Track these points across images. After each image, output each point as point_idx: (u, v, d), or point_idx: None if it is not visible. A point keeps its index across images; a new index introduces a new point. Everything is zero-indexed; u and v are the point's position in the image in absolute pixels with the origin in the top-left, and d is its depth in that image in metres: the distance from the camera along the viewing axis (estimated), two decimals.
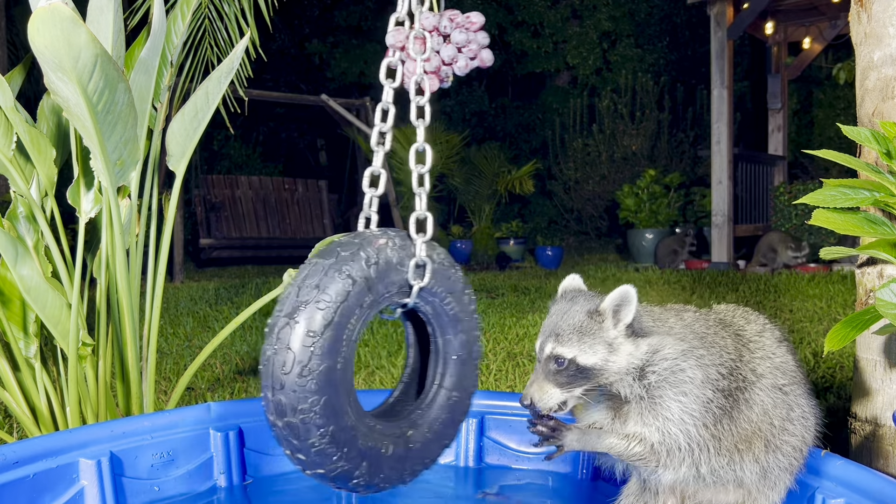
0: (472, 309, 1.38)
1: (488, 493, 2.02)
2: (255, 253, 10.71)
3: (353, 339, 1.15)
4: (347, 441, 1.17)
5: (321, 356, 1.10)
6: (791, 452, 1.47)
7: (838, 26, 8.89)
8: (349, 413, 1.17)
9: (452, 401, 1.37)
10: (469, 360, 1.39)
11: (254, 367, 3.67)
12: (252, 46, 2.83)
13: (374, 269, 1.17)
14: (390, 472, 1.26)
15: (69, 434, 1.81)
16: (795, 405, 1.47)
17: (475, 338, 1.40)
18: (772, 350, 1.49)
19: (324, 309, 1.11)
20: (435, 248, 1.33)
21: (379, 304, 1.21)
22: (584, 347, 1.35)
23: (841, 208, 1.56)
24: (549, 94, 14.97)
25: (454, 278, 1.34)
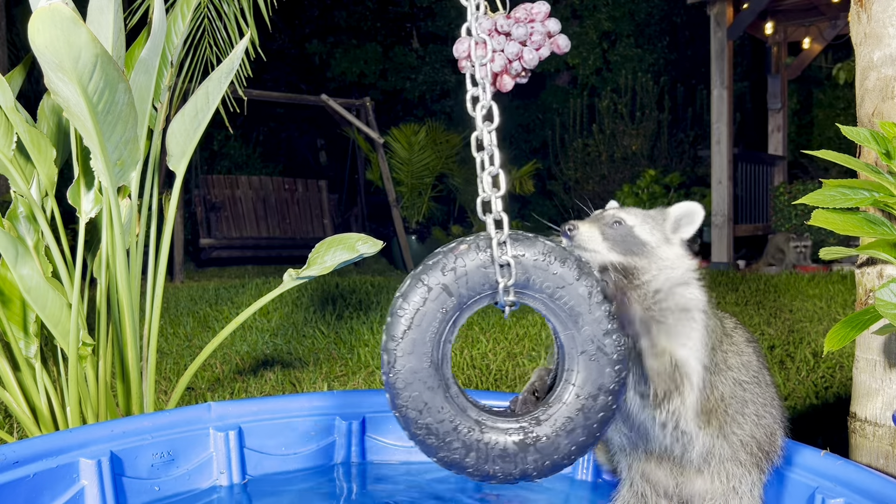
0: (595, 301, 1.28)
1: (488, 493, 2.02)
2: (255, 253, 10.71)
3: (441, 340, 1.27)
4: (447, 433, 1.29)
5: (403, 357, 1.26)
6: (738, 445, 1.49)
7: (838, 26, 8.90)
8: (446, 408, 1.28)
9: (582, 399, 1.30)
10: (600, 355, 1.29)
11: (254, 367, 3.67)
12: (252, 46, 2.83)
13: (451, 275, 1.26)
14: (505, 464, 1.32)
15: (69, 434, 1.81)
16: (751, 403, 1.50)
17: (605, 331, 1.29)
18: (741, 347, 1.54)
19: (402, 316, 1.26)
20: (533, 245, 1.29)
21: (469, 306, 1.29)
22: (645, 224, 1.44)
23: (841, 208, 1.56)
24: (549, 94, 14.96)
25: (561, 272, 1.28)
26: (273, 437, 2.08)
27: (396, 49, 15.36)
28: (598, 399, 1.31)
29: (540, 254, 1.29)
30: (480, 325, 4.40)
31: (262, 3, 3.02)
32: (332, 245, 2.29)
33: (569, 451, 1.32)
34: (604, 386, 1.30)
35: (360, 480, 2.09)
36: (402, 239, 10.01)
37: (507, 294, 1.29)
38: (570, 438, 1.32)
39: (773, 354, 3.64)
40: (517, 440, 1.31)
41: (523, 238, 1.30)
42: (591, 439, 1.33)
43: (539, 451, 1.32)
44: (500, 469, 1.32)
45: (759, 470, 1.53)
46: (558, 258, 1.29)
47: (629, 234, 1.42)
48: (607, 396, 1.31)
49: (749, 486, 1.52)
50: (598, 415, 1.31)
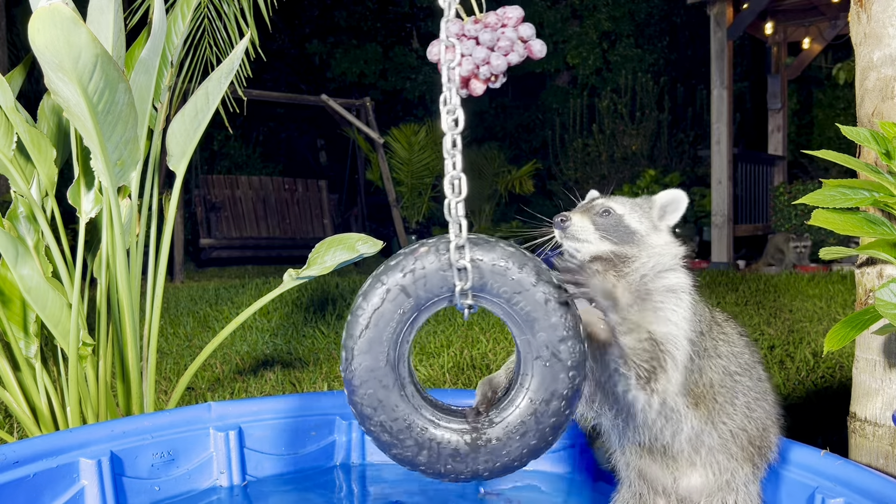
0: (551, 308, 1.26)
1: (488, 493, 2.02)
2: (255, 253, 10.72)
3: (398, 340, 1.28)
4: (400, 430, 1.31)
5: (360, 356, 1.28)
6: (728, 435, 1.49)
7: (838, 26, 8.90)
8: (400, 406, 1.31)
9: (535, 404, 1.30)
10: (554, 361, 1.28)
11: (254, 367, 3.67)
12: (252, 46, 2.83)
13: (410, 276, 1.27)
14: (456, 464, 1.34)
15: (69, 434, 1.81)
16: (741, 394, 1.50)
17: (560, 337, 1.27)
18: (732, 338, 1.55)
19: (360, 315, 1.28)
20: (492, 249, 1.29)
21: (427, 308, 1.29)
22: (633, 212, 1.46)
23: (841, 208, 1.56)
24: (549, 94, 14.97)
25: (518, 278, 1.27)
26: (273, 437, 2.08)
27: (396, 49, 15.37)
28: (551, 404, 1.30)
29: (498, 258, 1.28)
30: (480, 326, 4.40)
31: (262, 3, 3.02)
32: (332, 245, 2.29)
33: (520, 454, 1.33)
34: (557, 391, 1.30)
35: (360, 480, 2.09)
36: (402, 239, 10.01)
37: (464, 297, 1.29)
38: (522, 441, 1.32)
39: (773, 354, 3.64)
40: (469, 441, 1.32)
41: (483, 242, 1.30)
42: (544, 443, 1.33)
43: (490, 453, 1.32)
44: (452, 468, 1.34)
45: (752, 465, 1.53)
46: (516, 263, 1.28)
47: (619, 223, 1.44)
48: (560, 402, 1.30)
49: (743, 480, 1.51)
50: (551, 419, 1.31)
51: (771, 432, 1.56)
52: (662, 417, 1.43)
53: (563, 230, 1.41)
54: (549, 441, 1.33)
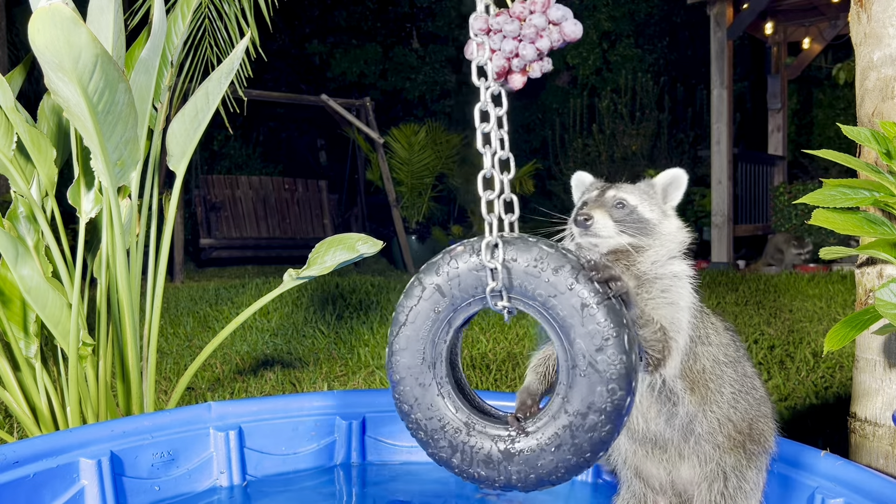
0: (588, 314, 1.20)
1: (489, 493, 2.02)
2: (255, 253, 10.71)
3: (435, 339, 1.29)
4: (434, 431, 1.32)
5: (399, 351, 1.31)
6: (716, 424, 1.50)
7: (838, 26, 8.90)
8: (435, 406, 1.31)
9: (570, 416, 1.23)
10: (591, 371, 1.20)
11: (254, 367, 3.67)
12: (252, 46, 2.83)
13: (444, 276, 1.28)
14: (489, 471, 1.30)
15: (69, 434, 1.81)
16: (728, 384, 1.51)
17: (597, 347, 1.20)
18: (719, 329, 1.57)
19: (400, 312, 1.31)
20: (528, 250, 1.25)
21: (462, 308, 1.29)
22: (644, 201, 1.47)
23: (841, 208, 1.56)
24: (549, 94, 14.97)
25: (553, 280, 1.22)
26: (273, 437, 2.08)
27: (396, 49, 15.36)
28: (588, 418, 1.22)
29: (533, 259, 1.24)
30: (480, 325, 4.40)
31: (262, 3, 3.02)
32: (332, 245, 2.29)
33: (554, 467, 1.26)
34: (594, 405, 1.22)
35: (360, 480, 2.09)
36: (402, 239, 10.01)
37: (499, 299, 1.26)
38: (556, 455, 1.25)
39: (773, 354, 3.64)
40: (502, 448, 1.29)
41: (520, 242, 1.26)
42: (580, 459, 1.25)
43: (523, 464, 1.27)
44: (485, 475, 1.31)
45: (741, 451, 1.53)
46: (552, 265, 1.23)
47: (633, 213, 1.45)
48: (598, 416, 1.22)
49: (732, 465, 1.52)
50: (587, 435, 1.23)
51: (759, 425, 1.56)
52: (662, 398, 1.45)
53: (585, 229, 1.41)
54: (587, 458, 1.25)
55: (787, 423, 2.60)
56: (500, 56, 1.28)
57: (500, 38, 1.28)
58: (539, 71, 1.30)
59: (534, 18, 1.26)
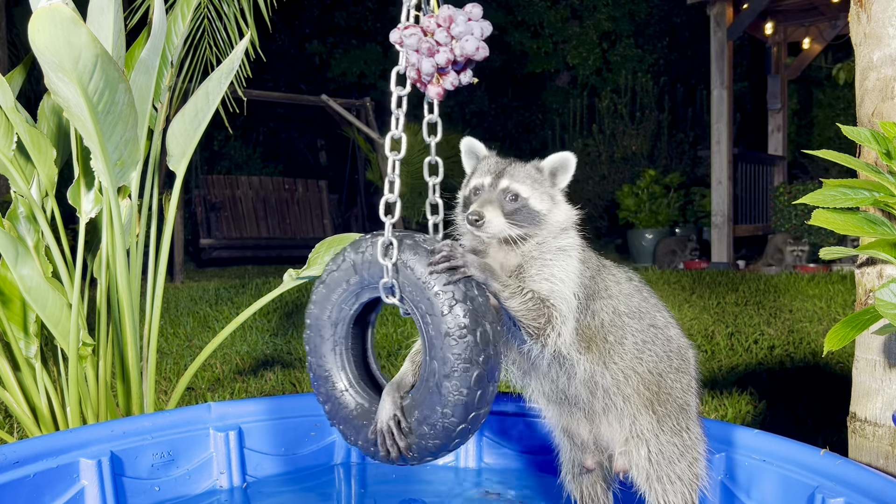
0: (444, 329, 1.32)
1: (488, 493, 2.02)
2: (255, 253, 10.71)
3: (342, 304, 1.45)
4: (319, 378, 1.51)
5: (314, 302, 1.49)
6: (620, 376, 1.52)
7: (838, 26, 8.89)
8: (326, 357, 1.49)
9: (416, 420, 1.38)
10: (435, 391, 1.34)
11: (254, 367, 3.67)
12: (252, 46, 2.83)
13: (361, 256, 1.41)
14: (346, 428, 1.50)
15: (69, 434, 1.81)
16: (630, 335, 1.53)
17: (445, 374, 1.32)
18: (621, 280, 1.58)
19: (324, 271, 1.48)
20: (407, 248, 1.35)
21: (368, 288, 1.42)
22: (535, 193, 1.49)
23: (841, 208, 1.56)
24: (549, 95, 14.97)
25: (415, 274, 1.34)
26: (273, 437, 2.08)
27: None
28: (429, 425, 1.37)
29: (410, 258, 1.35)
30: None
31: (262, 3, 3.02)
32: (332, 245, 2.29)
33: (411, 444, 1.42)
34: (435, 416, 1.36)
35: (360, 480, 2.09)
36: None
37: (390, 293, 1.38)
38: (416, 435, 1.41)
39: (774, 354, 3.64)
40: (358, 413, 1.47)
41: (413, 243, 1.36)
42: (424, 447, 1.39)
43: (367, 434, 1.44)
44: (344, 430, 1.50)
45: (652, 412, 1.54)
46: (418, 262, 1.34)
47: (526, 206, 1.47)
48: (432, 431, 1.37)
49: (650, 429, 1.53)
50: (439, 420, 1.37)
51: (669, 379, 1.57)
52: (556, 364, 1.49)
53: (477, 228, 1.43)
54: (431, 447, 1.39)
55: (788, 423, 2.61)
56: (410, 67, 1.35)
57: (408, 50, 1.33)
58: (451, 84, 1.37)
59: (437, 33, 1.31)
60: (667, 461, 1.54)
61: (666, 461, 1.54)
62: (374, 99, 11.14)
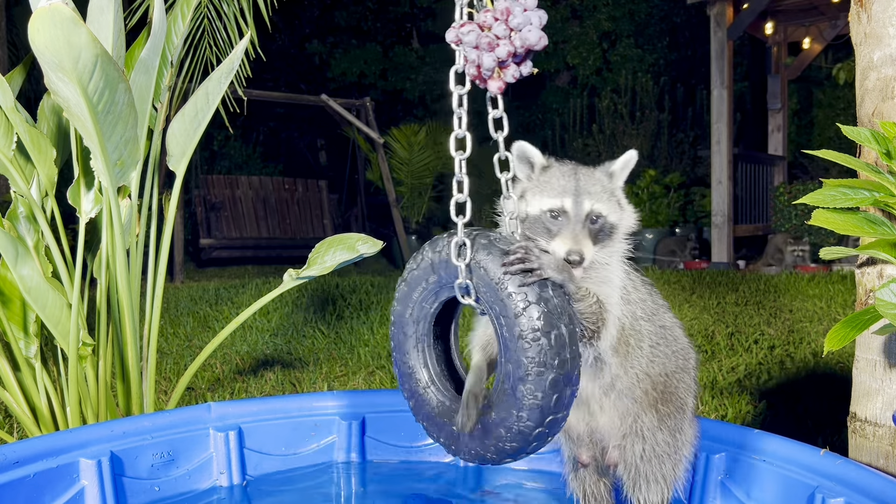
0: (525, 342, 1.29)
1: (489, 492, 2.02)
2: (255, 253, 10.71)
3: (423, 302, 1.45)
4: (403, 374, 1.51)
5: (397, 299, 1.51)
6: (635, 379, 1.52)
7: (838, 26, 8.89)
8: (410, 354, 1.50)
9: (493, 422, 1.37)
10: (511, 394, 1.32)
11: (254, 367, 3.67)
12: (252, 46, 2.83)
13: (438, 255, 1.41)
14: (430, 425, 1.50)
15: (69, 434, 1.81)
16: (646, 339, 1.54)
17: (520, 376, 1.31)
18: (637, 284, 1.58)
19: (406, 270, 1.49)
20: (481, 248, 1.34)
21: (444, 287, 1.42)
22: (611, 205, 1.47)
23: (841, 208, 1.56)
24: (549, 95, 14.96)
25: (507, 302, 1.31)
26: (273, 437, 2.08)
27: (396, 49, 15.36)
28: (505, 424, 1.36)
29: (485, 257, 1.34)
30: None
31: (262, 3, 3.02)
32: (332, 245, 2.29)
33: (481, 447, 1.42)
34: (509, 413, 1.34)
35: (360, 480, 2.09)
36: (402, 239, 10.01)
37: (465, 292, 1.37)
38: (484, 440, 1.40)
39: (774, 354, 3.64)
40: (441, 411, 1.47)
41: (489, 243, 1.35)
42: (502, 451, 1.38)
43: (450, 434, 1.45)
44: (427, 426, 1.50)
45: (655, 411, 1.55)
46: (492, 262, 1.33)
47: (606, 224, 1.46)
48: (515, 425, 1.35)
49: (649, 426, 1.54)
50: (504, 443, 1.37)
51: (675, 379, 1.57)
52: (594, 366, 1.49)
53: (577, 265, 1.40)
54: (508, 449, 1.37)
55: (788, 423, 2.60)
56: (470, 65, 1.33)
57: (465, 46, 1.32)
58: (512, 77, 1.35)
59: (494, 27, 1.30)
60: (658, 460, 1.56)
61: (657, 460, 1.56)
62: (374, 99, 11.14)
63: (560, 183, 1.45)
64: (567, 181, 1.45)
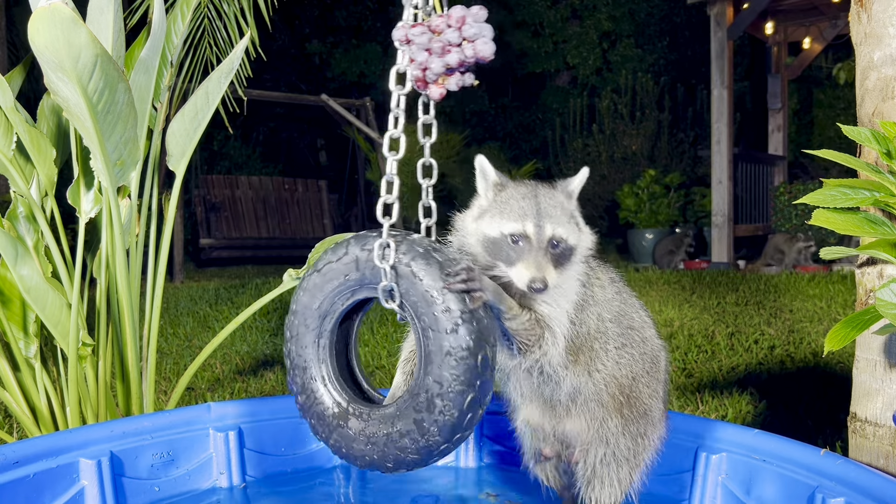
0: (446, 348, 1.28)
1: (488, 493, 2.02)
2: (254, 253, 10.71)
3: (334, 297, 1.40)
4: (297, 367, 1.46)
5: (304, 289, 1.44)
6: (602, 383, 1.52)
7: (838, 26, 8.89)
8: (308, 348, 1.44)
9: (398, 432, 1.35)
10: (429, 405, 1.30)
11: (254, 367, 3.67)
12: (252, 46, 2.83)
13: (364, 253, 1.37)
14: (319, 425, 1.46)
15: (69, 434, 1.81)
16: (612, 340, 1.52)
17: (437, 393, 1.29)
18: (605, 284, 1.56)
19: (321, 260, 1.43)
20: (417, 256, 1.31)
21: (366, 286, 1.38)
22: (570, 228, 1.43)
23: (841, 208, 1.56)
24: (549, 95, 14.97)
25: (425, 287, 1.30)
26: (273, 437, 2.08)
27: None
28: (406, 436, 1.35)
29: (412, 266, 1.31)
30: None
31: (262, 3, 3.02)
32: (331, 245, 2.29)
33: (368, 451, 1.40)
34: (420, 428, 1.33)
35: (360, 480, 2.09)
36: None
37: (389, 297, 1.33)
38: (370, 447, 1.39)
39: (774, 354, 3.64)
40: (334, 413, 1.43)
41: (417, 248, 1.33)
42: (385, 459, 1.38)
43: (342, 437, 1.43)
44: (315, 426, 1.46)
45: (620, 415, 1.54)
46: (428, 273, 1.30)
47: (566, 247, 1.41)
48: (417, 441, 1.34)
49: (613, 432, 1.54)
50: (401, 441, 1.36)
51: (640, 383, 1.57)
52: (541, 380, 1.49)
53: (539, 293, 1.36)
54: (409, 461, 1.35)
55: (788, 423, 2.60)
56: (414, 66, 1.31)
57: (415, 48, 1.31)
58: (455, 85, 1.33)
59: (447, 33, 1.29)
60: (616, 464, 1.56)
61: (616, 464, 1.56)
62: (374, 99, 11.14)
63: (520, 205, 1.40)
64: (528, 203, 1.40)
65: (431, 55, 1.30)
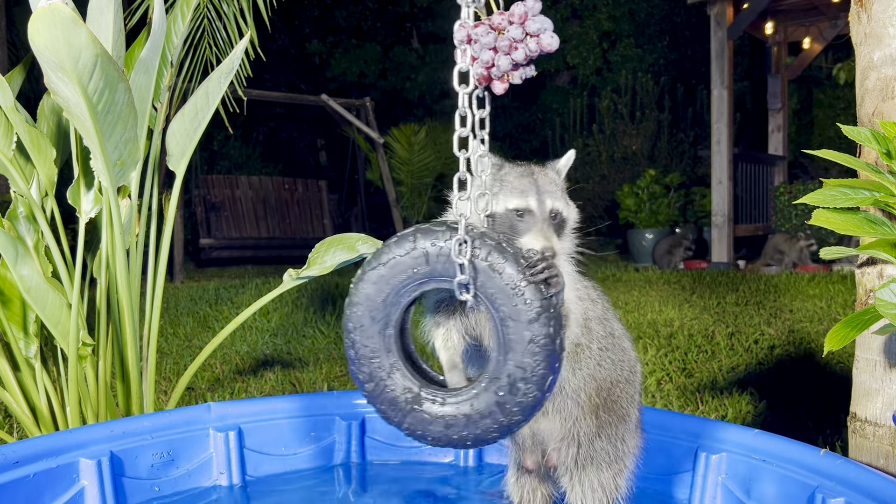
0: (529, 336, 1.33)
1: (488, 492, 2.02)
2: (254, 253, 10.72)
3: (401, 290, 1.41)
4: (363, 356, 1.46)
5: (368, 283, 1.43)
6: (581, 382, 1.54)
7: (838, 26, 8.89)
8: (375, 338, 1.44)
9: (479, 413, 1.39)
10: (510, 392, 1.36)
11: (254, 367, 3.67)
12: (252, 46, 2.83)
13: (435, 248, 1.38)
14: (391, 411, 1.45)
15: (69, 434, 1.81)
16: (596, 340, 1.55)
17: (524, 372, 1.34)
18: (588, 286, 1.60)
19: (384, 253, 1.42)
20: (493, 250, 1.35)
21: (436, 279, 1.39)
22: (564, 203, 1.52)
23: (841, 208, 1.56)
24: (548, 95, 14.97)
25: (519, 308, 1.34)
26: (273, 437, 2.08)
27: (396, 49, 15.36)
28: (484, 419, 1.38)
29: (492, 259, 1.34)
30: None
31: (261, 3, 3.02)
32: (332, 245, 2.29)
33: (447, 435, 1.43)
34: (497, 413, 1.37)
35: (360, 480, 2.09)
36: None
37: (464, 290, 1.36)
38: (450, 429, 1.42)
39: (774, 354, 3.64)
40: (408, 398, 1.44)
41: (493, 244, 1.35)
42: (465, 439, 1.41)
43: (419, 421, 1.44)
44: (386, 412, 1.46)
45: (595, 417, 1.55)
46: (501, 269, 1.34)
47: (562, 220, 1.51)
48: (492, 420, 1.38)
49: (586, 433, 1.55)
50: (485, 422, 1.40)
51: (619, 389, 1.58)
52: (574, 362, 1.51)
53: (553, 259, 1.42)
54: (489, 438, 1.40)
55: (788, 423, 2.60)
56: (479, 65, 1.33)
57: (479, 47, 1.32)
58: (519, 78, 1.36)
59: (511, 30, 1.30)
60: (595, 467, 1.57)
61: (595, 467, 1.57)
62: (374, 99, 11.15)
63: (521, 182, 1.51)
64: (527, 181, 1.51)
65: (497, 53, 1.32)
